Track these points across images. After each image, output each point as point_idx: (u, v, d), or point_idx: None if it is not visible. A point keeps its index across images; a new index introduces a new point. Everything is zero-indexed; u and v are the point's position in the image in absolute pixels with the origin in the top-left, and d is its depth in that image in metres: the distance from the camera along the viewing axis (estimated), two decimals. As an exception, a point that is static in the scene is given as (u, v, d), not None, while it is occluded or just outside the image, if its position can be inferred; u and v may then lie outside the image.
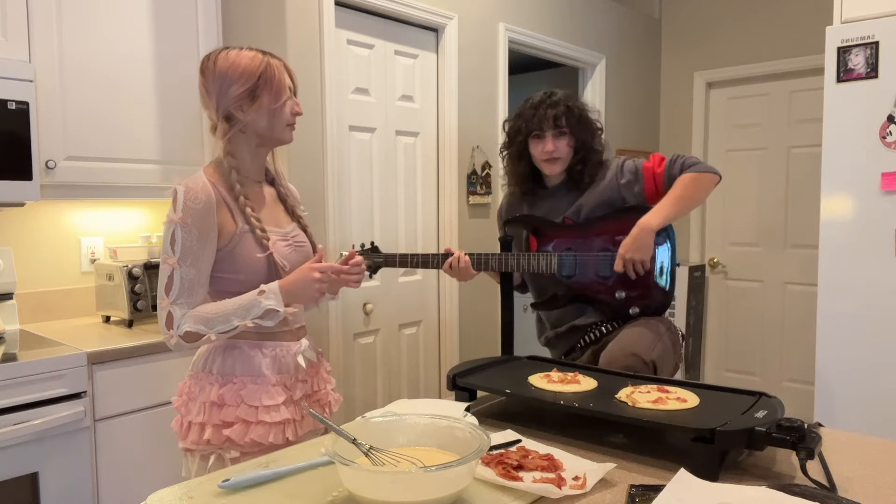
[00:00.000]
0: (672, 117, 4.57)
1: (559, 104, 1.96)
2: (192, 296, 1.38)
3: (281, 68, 1.45)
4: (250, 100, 1.42)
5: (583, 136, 1.98)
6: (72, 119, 2.19)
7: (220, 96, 1.42)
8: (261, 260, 1.42)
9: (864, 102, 2.46)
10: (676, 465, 1.04)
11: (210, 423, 1.40)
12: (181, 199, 1.37)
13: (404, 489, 0.89)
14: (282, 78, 1.44)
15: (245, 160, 1.48)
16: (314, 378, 1.56)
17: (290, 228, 1.54)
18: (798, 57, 3.99)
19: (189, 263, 1.37)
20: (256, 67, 1.41)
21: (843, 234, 2.52)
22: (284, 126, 1.47)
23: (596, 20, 3.96)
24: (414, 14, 2.89)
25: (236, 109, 1.42)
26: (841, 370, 2.54)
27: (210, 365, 1.44)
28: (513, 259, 1.97)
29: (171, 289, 1.37)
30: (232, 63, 1.41)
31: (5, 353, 1.95)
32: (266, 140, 1.48)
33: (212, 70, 1.42)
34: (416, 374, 3.11)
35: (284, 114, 1.46)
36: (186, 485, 1.04)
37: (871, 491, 1.00)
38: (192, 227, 1.36)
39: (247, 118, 1.42)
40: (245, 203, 1.43)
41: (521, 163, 2.04)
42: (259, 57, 1.43)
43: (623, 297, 1.93)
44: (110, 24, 2.28)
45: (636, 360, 1.72)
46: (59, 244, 2.50)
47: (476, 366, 1.50)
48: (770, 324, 4.21)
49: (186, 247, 1.36)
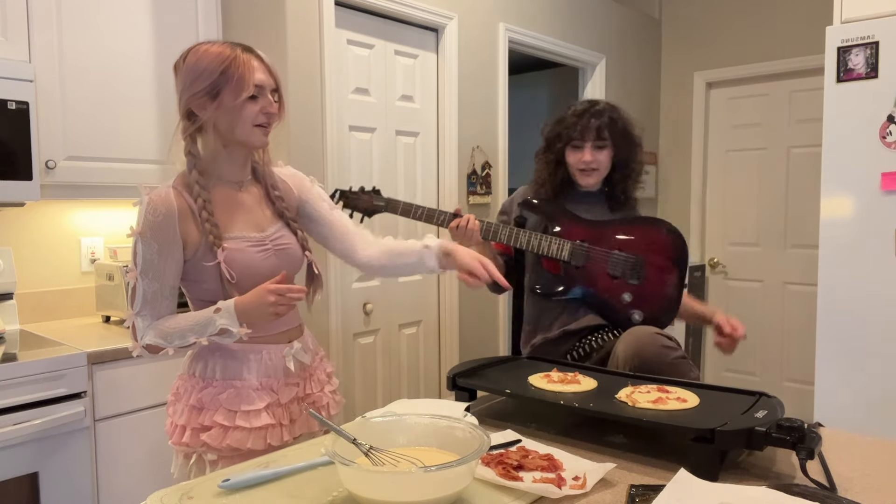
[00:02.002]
0: (672, 117, 4.57)
1: (603, 114, 1.92)
2: (156, 308, 1.36)
3: (250, 64, 1.35)
4: (211, 97, 1.34)
5: (624, 151, 1.95)
6: (72, 119, 2.19)
7: (182, 93, 1.36)
8: (208, 268, 1.37)
9: (864, 102, 2.46)
10: (676, 465, 1.04)
11: (189, 425, 1.38)
12: (143, 212, 1.34)
13: (404, 489, 0.89)
14: (246, 74, 1.33)
15: (211, 161, 1.41)
16: (307, 381, 1.51)
17: (273, 231, 1.46)
18: (798, 57, 3.99)
19: (151, 277, 1.34)
20: (220, 63, 1.33)
21: (843, 234, 2.52)
22: (250, 128, 1.37)
23: (596, 20, 3.96)
24: (414, 14, 2.89)
25: (197, 107, 1.35)
26: (841, 370, 2.54)
27: (194, 367, 1.43)
28: (524, 235, 1.89)
29: (135, 301, 1.35)
30: (199, 58, 1.35)
31: (5, 353, 1.95)
32: (229, 142, 1.39)
33: (181, 65, 1.37)
34: (416, 374, 3.11)
35: (246, 114, 1.36)
36: (186, 485, 1.04)
37: (871, 491, 1.00)
38: (151, 241, 1.33)
39: (204, 116, 1.35)
40: (202, 206, 1.36)
41: (558, 169, 1.99)
42: (226, 52, 1.34)
43: (629, 300, 1.88)
44: (110, 24, 2.28)
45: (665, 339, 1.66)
46: (59, 244, 2.50)
47: (476, 366, 1.50)
48: (770, 324, 4.21)
49: (147, 260, 1.33)
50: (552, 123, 2.01)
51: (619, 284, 1.90)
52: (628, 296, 1.88)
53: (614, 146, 1.93)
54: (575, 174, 1.98)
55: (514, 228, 1.91)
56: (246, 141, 1.39)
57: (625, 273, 1.89)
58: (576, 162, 1.95)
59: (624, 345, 1.69)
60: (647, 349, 1.65)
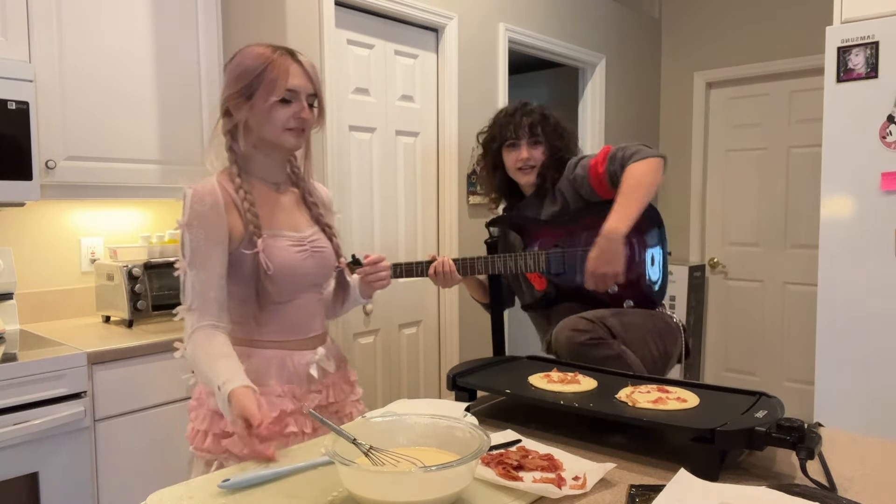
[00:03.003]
0: (672, 117, 4.57)
1: (534, 112, 1.95)
2: (205, 300, 1.33)
3: (285, 68, 1.36)
4: (245, 98, 1.37)
5: (557, 144, 1.96)
6: (72, 119, 2.19)
7: (223, 92, 1.41)
8: (247, 257, 1.37)
9: (864, 102, 2.46)
10: (676, 465, 1.04)
11: (211, 431, 1.37)
12: (188, 203, 1.34)
13: (404, 489, 0.89)
14: (278, 78, 1.35)
15: (249, 160, 1.43)
16: (330, 388, 1.49)
17: (310, 233, 1.47)
18: (798, 57, 3.99)
19: (199, 265, 1.33)
20: (257, 66, 1.36)
21: (843, 234, 2.52)
22: (280, 130, 1.38)
23: (596, 20, 3.96)
24: (414, 14, 2.89)
25: (233, 107, 1.39)
26: (841, 370, 2.54)
27: None
28: (499, 261, 1.92)
29: (186, 295, 1.35)
30: (241, 58, 1.39)
31: (5, 353, 1.95)
32: (261, 143, 1.41)
33: (228, 65, 1.42)
34: (416, 374, 3.11)
35: (276, 117, 1.37)
36: (186, 485, 1.04)
37: (871, 491, 1.00)
38: (198, 229, 1.33)
39: (238, 117, 1.38)
40: (244, 197, 1.38)
41: (496, 173, 2.03)
42: (266, 54, 1.37)
43: (616, 290, 1.85)
44: (110, 24, 2.28)
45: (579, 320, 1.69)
46: (59, 244, 2.50)
47: (476, 366, 1.50)
48: (770, 324, 4.21)
49: (194, 249, 1.33)
50: (486, 128, 2.04)
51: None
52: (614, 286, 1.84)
53: (547, 141, 1.95)
54: (514, 174, 1.99)
55: (489, 257, 1.93)
56: (277, 143, 1.40)
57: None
58: (513, 161, 1.97)
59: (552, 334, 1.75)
60: (558, 337, 1.70)
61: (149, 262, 2.37)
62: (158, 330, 2.27)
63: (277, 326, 1.42)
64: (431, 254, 2.17)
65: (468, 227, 3.22)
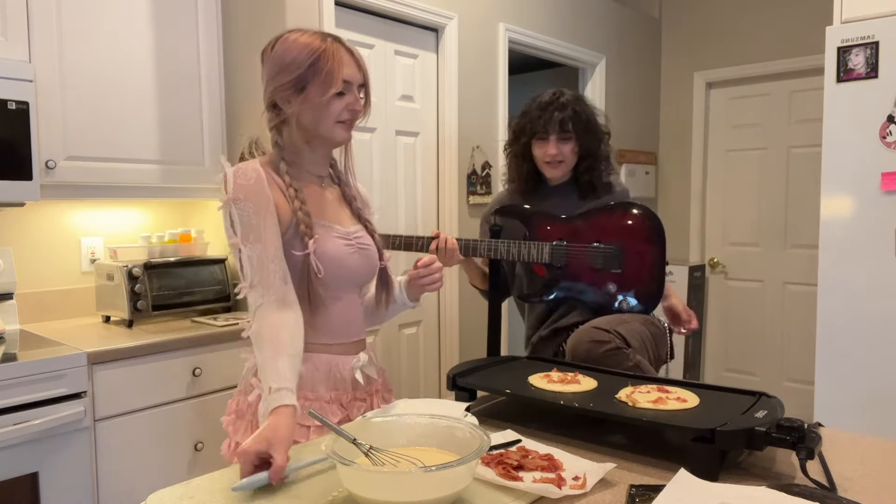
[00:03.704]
0: (672, 117, 4.57)
1: (566, 107, 1.93)
2: (265, 274, 1.24)
3: (339, 58, 1.28)
4: (296, 90, 1.28)
5: (588, 143, 1.96)
6: (72, 119, 2.19)
7: (268, 83, 1.31)
8: (296, 258, 1.29)
9: (864, 102, 2.46)
10: (676, 465, 1.04)
11: None
12: (230, 178, 1.26)
13: (404, 489, 0.89)
14: (335, 69, 1.27)
15: (297, 154, 1.36)
16: (374, 397, 1.42)
17: (355, 229, 1.40)
18: (798, 57, 3.99)
19: (252, 239, 1.25)
20: (308, 55, 1.26)
21: (843, 234, 2.52)
22: (333, 123, 1.31)
23: (596, 20, 3.96)
24: (414, 14, 2.89)
25: (281, 100, 1.30)
26: (841, 370, 2.54)
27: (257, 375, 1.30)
28: (503, 246, 1.91)
29: (244, 272, 1.26)
30: (286, 48, 1.28)
31: (5, 353, 1.95)
32: (313, 137, 1.34)
33: (269, 54, 1.31)
34: (416, 374, 3.11)
35: (332, 110, 1.29)
36: (186, 485, 1.04)
37: (871, 491, 1.00)
38: (246, 202, 1.25)
39: (290, 110, 1.29)
40: (294, 195, 1.30)
41: (525, 163, 2.02)
42: (316, 43, 1.28)
43: (614, 290, 1.89)
44: (110, 24, 2.28)
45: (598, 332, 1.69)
46: (59, 244, 2.50)
47: (476, 366, 1.50)
48: (770, 324, 4.21)
49: (245, 223, 1.25)
50: (518, 116, 2.02)
51: (604, 275, 1.90)
52: (613, 286, 1.89)
53: (578, 138, 1.94)
54: (542, 167, 2.00)
55: (492, 241, 1.92)
56: (329, 137, 1.33)
57: (606, 263, 1.89)
58: (542, 155, 1.97)
59: (568, 344, 1.75)
60: (579, 347, 1.70)
61: (149, 262, 2.37)
62: (158, 330, 2.27)
63: (326, 329, 1.36)
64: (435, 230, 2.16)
65: (468, 226, 3.22)
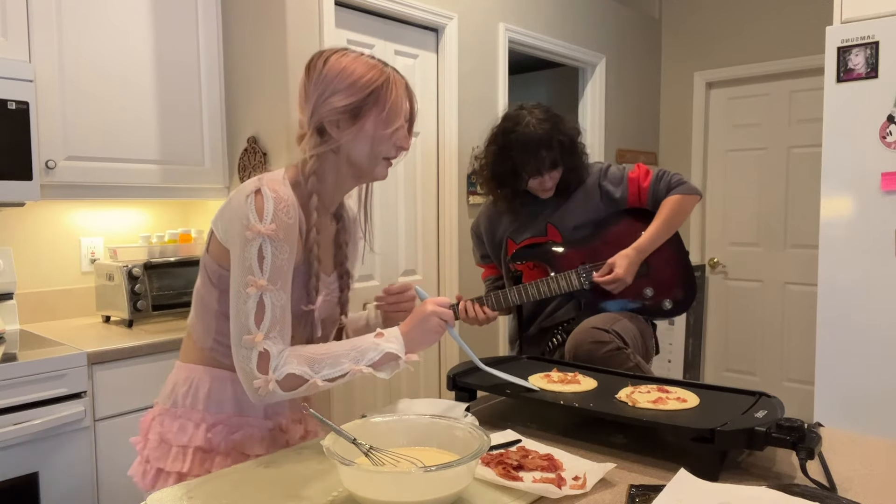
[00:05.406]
0: (672, 117, 4.57)
1: (552, 145, 1.87)
2: (284, 328, 1.11)
3: (402, 91, 1.19)
4: (352, 118, 1.16)
5: (573, 161, 1.96)
6: (72, 119, 2.19)
7: (319, 104, 1.17)
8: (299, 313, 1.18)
9: (864, 102, 2.46)
10: (676, 465, 1.04)
11: (192, 472, 1.16)
12: (271, 208, 1.10)
13: (404, 489, 0.89)
14: (398, 101, 1.18)
15: (328, 186, 1.23)
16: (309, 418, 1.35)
17: (332, 279, 1.30)
18: (798, 57, 3.99)
19: (280, 287, 1.10)
20: (371, 81, 1.16)
21: (843, 234, 2.52)
22: (380, 159, 1.21)
23: (596, 20, 3.96)
24: (414, 14, 2.89)
25: (331, 125, 1.17)
26: (841, 370, 2.54)
27: (193, 397, 1.20)
28: (532, 289, 1.90)
29: (263, 319, 1.08)
30: (343, 68, 1.16)
31: (5, 353, 1.95)
32: (357, 171, 1.22)
33: (319, 70, 1.18)
34: (416, 374, 3.11)
35: (387, 145, 1.20)
36: (186, 485, 1.04)
37: (871, 491, 1.00)
38: (283, 243, 1.10)
39: (341, 138, 1.17)
40: (315, 240, 1.18)
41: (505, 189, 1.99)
42: (378, 68, 1.18)
43: (651, 293, 1.93)
44: (110, 24, 2.28)
45: (598, 332, 1.72)
46: (59, 244, 2.50)
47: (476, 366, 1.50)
48: (770, 324, 4.21)
49: (277, 266, 1.09)
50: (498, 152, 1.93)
51: (635, 283, 1.92)
52: (649, 290, 1.93)
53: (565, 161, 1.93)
54: (534, 191, 1.99)
55: (521, 287, 1.92)
56: (371, 172, 1.23)
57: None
58: (536, 186, 1.96)
59: (568, 343, 1.77)
60: (580, 348, 1.73)
61: (149, 262, 2.37)
62: (158, 330, 2.27)
63: None
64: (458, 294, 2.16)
65: (468, 226, 3.22)
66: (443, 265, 3.16)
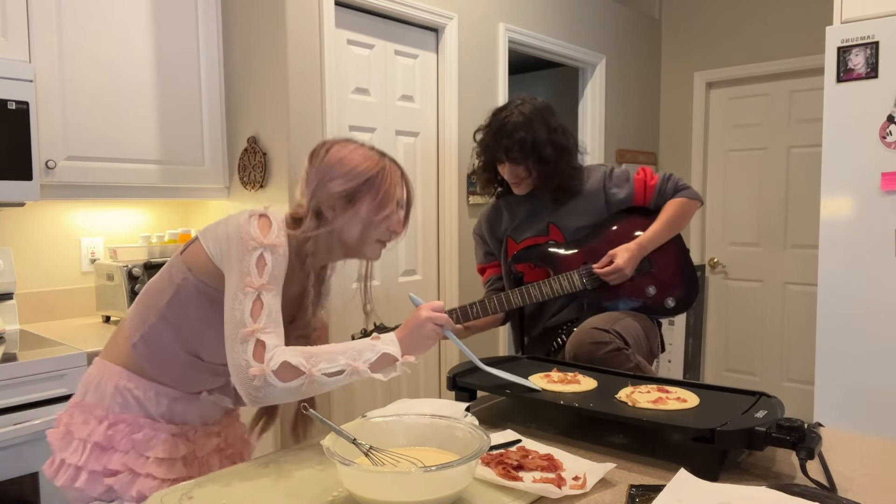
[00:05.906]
0: (672, 117, 4.57)
1: (512, 134, 1.87)
2: (280, 328, 1.15)
3: (396, 179, 1.27)
4: (347, 202, 1.24)
5: (540, 166, 1.91)
6: (72, 119, 2.19)
7: (317, 189, 1.25)
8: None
9: (864, 102, 2.46)
10: (676, 465, 1.04)
11: (87, 467, 1.20)
12: (275, 227, 1.18)
13: (404, 489, 0.89)
14: (392, 189, 1.26)
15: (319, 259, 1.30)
16: (228, 430, 1.38)
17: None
18: (798, 57, 3.99)
19: (274, 293, 1.16)
20: (367, 169, 1.24)
21: (843, 234, 2.52)
22: (373, 242, 1.29)
23: (596, 20, 3.96)
24: (414, 14, 2.89)
25: (328, 209, 1.25)
26: (841, 370, 2.54)
27: (101, 395, 1.25)
28: (534, 290, 1.90)
29: (261, 314, 1.13)
30: (342, 157, 1.25)
31: (5, 353, 1.95)
32: (349, 250, 1.30)
33: (321, 158, 1.27)
34: (416, 374, 3.11)
35: (381, 229, 1.28)
36: (186, 485, 1.04)
37: (871, 491, 1.00)
38: (281, 258, 1.18)
39: (336, 223, 1.25)
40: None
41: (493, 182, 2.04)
42: (374, 158, 1.26)
43: (653, 292, 1.93)
44: (110, 24, 2.28)
45: (598, 332, 1.71)
46: (59, 244, 2.50)
47: (476, 366, 1.50)
48: (770, 324, 4.21)
49: (274, 275, 1.16)
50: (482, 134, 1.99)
51: (638, 281, 1.92)
52: (652, 288, 1.93)
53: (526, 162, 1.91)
54: (510, 183, 2.00)
55: (524, 288, 1.91)
56: (362, 252, 1.31)
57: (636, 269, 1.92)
58: (508, 176, 1.97)
59: (568, 343, 1.77)
60: (580, 348, 1.72)
61: (149, 262, 2.37)
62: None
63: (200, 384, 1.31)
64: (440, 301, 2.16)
65: (468, 226, 3.22)
66: (443, 265, 3.16)
